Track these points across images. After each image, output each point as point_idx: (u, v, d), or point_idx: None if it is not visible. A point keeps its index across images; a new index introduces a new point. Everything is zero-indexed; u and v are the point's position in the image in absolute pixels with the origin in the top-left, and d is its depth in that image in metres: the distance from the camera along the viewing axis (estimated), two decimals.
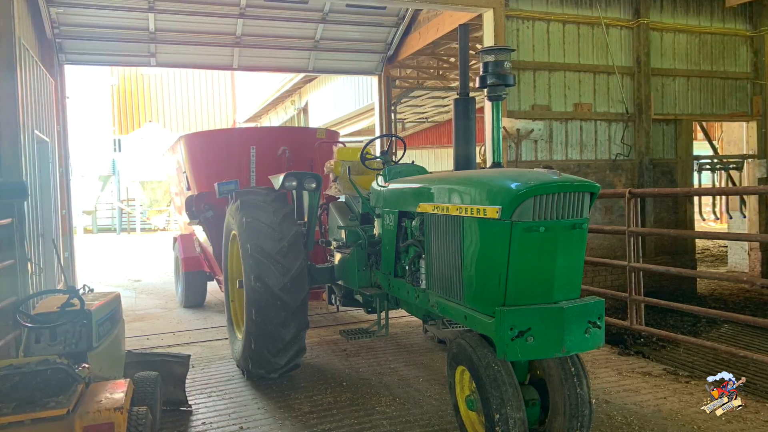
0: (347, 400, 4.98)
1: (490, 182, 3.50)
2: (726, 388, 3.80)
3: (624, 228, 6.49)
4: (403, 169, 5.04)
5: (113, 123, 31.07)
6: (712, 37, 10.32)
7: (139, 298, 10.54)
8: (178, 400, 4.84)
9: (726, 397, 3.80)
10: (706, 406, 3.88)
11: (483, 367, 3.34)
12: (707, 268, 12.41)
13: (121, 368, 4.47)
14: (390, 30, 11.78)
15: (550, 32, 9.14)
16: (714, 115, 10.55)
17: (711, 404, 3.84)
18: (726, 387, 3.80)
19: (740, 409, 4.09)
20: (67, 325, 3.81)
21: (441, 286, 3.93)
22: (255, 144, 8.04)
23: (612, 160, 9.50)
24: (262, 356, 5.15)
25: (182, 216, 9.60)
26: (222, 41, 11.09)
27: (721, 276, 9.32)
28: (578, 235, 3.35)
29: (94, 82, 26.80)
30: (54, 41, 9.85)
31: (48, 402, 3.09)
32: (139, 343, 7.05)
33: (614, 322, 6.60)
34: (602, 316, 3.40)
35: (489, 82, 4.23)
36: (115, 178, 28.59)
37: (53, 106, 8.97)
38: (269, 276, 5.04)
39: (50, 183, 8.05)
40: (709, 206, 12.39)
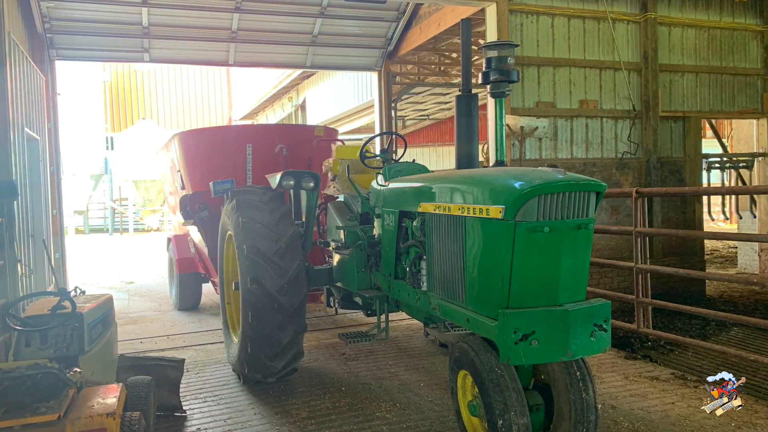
0: (346, 406, 4.98)
1: (493, 181, 3.50)
2: (726, 388, 3.86)
3: (631, 228, 6.49)
4: (403, 167, 5.04)
5: (105, 120, 31.07)
6: (721, 31, 10.33)
7: (132, 301, 10.54)
8: (172, 406, 4.84)
9: (726, 397, 3.86)
10: (706, 406, 3.94)
11: (486, 372, 3.34)
12: (716, 269, 12.41)
13: (114, 373, 4.47)
14: (390, 24, 11.78)
15: (555, 27, 9.14)
16: (723, 112, 10.55)
17: (711, 404, 3.90)
18: (726, 387, 3.86)
19: (740, 408, 4.15)
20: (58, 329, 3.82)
21: (442, 288, 3.93)
22: (251, 142, 8.04)
23: (618, 158, 9.50)
24: (258, 360, 5.15)
25: (176, 216, 9.60)
26: (217, 36, 11.09)
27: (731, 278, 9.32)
28: (584, 235, 3.35)
29: (86, 79, 26.79)
30: (45, 36, 9.85)
31: (38, 407, 3.09)
32: (132, 347, 7.04)
33: (621, 325, 6.59)
34: (608, 318, 3.40)
35: (492, 79, 4.23)
36: (107, 177, 28.59)
37: (44, 103, 8.96)
38: (266, 278, 5.04)
39: (41, 182, 8.04)
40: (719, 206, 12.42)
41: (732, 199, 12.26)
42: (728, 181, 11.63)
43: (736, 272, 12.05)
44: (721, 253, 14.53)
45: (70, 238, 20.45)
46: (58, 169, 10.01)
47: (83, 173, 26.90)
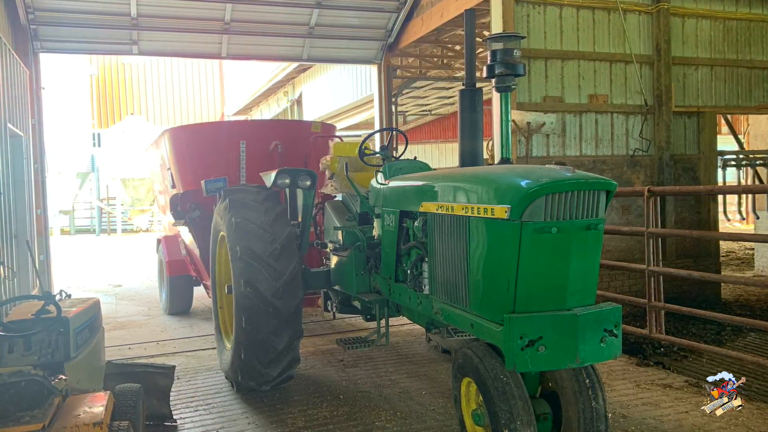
0: (344, 415, 4.98)
1: (498, 180, 3.50)
2: (726, 388, 3.94)
3: (643, 229, 6.50)
4: (404, 165, 5.05)
5: (92, 116, 31.09)
6: (737, 23, 10.32)
7: (120, 305, 10.55)
8: (162, 415, 4.84)
9: (726, 397, 3.94)
10: (706, 406, 4.01)
11: (491, 379, 3.34)
12: (732, 272, 12.41)
13: (101, 380, 4.47)
14: (390, 15, 11.78)
15: (563, 18, 9.14)
16: (740, 107, 10.55)
17: (711, 404, 3.98)
18: (726, 387, 3.94)
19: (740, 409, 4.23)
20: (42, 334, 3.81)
21: (445, 291, 3.94)
22: (245, 138, 8.04)
23: (630, 155, 9.50)
24: (252, 367, 5.15)
25: (166, 216, 9.61)
26: (209, 28, 11.09)
27: (748, 281, 9.31)
28: (593, 236, 3.35)
29: (72, 72, 26.76)
30: (28, 28, 9.85)
31: (22, 416, 3.09)
32: (120, 353, 7.05)
33: (632, 331, 6.60)
34: (619, 323, 3.41)
35: (497, 72, 4.23)
36: (94, 175, 28.61)
37: (28, 97, 8.98)
38: (260, 281, 5.04)
39: (24, 180, 8.05)
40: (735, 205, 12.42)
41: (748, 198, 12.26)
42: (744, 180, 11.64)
43: (753, 275, 12.04)
44: (737, 255, 14.53)
45: (55, 239, 20.47)
46: (43, 167, 10.01)
47: (69, 171, 26.91)
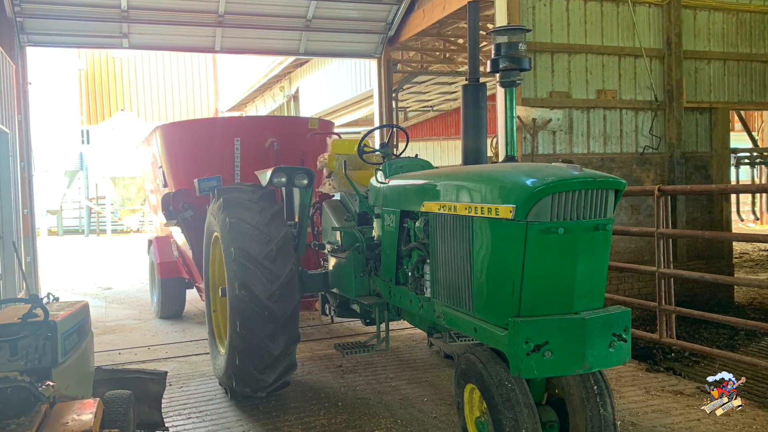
0: (343, 422, 4.98)
1: (502, 178, 3.50)
2: (726, 388, 4.00)
3: (653, 229, 6.50)
4: (405, 163, 5.06)
5: (81, 112, 31.09)
6: (751, 15, 10.32)
7: (110, 308, 10.54)
8: (153, 422, 4.83)
9: (726, 397, 4.01)
10: (706, 406, 4.07)
11: (495, 386, 3.34)
12: (746, 274, 12.41)
13: (90, 386, 4.47)
14: (391, 8, 11.78)
15: (570, 10, 9.14)
16: (753, 103, 10.56)
17: (711, 404, 4.05)
18: (726, 387, 4.00)
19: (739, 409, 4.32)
20: (29, 338, 3.81)
21: (448, 294, 3.94)
22: (240, 135, 8.04)
23: (639, 153, 9.51)
24: (247, 373, 5.15)
25: (158, 216, 9.61)
26: (203, 20, 11.09)
27: (762, 283, 9.32)
28: (601, 237, 3.35)
29: (60, 66, 26.79)
30: (15, 20, 9.85)
31: (8, 424, 3.09)
32: (110, 358, 7.05)
33: (642, 335, 6.60)
34: (628, 327, 3.41)
35: (502, 66, 4.24)
36: (83, 173, 28.60)
37: (13, 93, 8.97)
38: (255, 283, 5.04)
39: (10, 179, 8.05)
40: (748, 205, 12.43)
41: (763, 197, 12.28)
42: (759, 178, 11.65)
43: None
44: (750, 257, 14.52)
45: (43, 240, 20.46)
46: (30, 165, 10.02)
47: (57, 169, 26.86)
